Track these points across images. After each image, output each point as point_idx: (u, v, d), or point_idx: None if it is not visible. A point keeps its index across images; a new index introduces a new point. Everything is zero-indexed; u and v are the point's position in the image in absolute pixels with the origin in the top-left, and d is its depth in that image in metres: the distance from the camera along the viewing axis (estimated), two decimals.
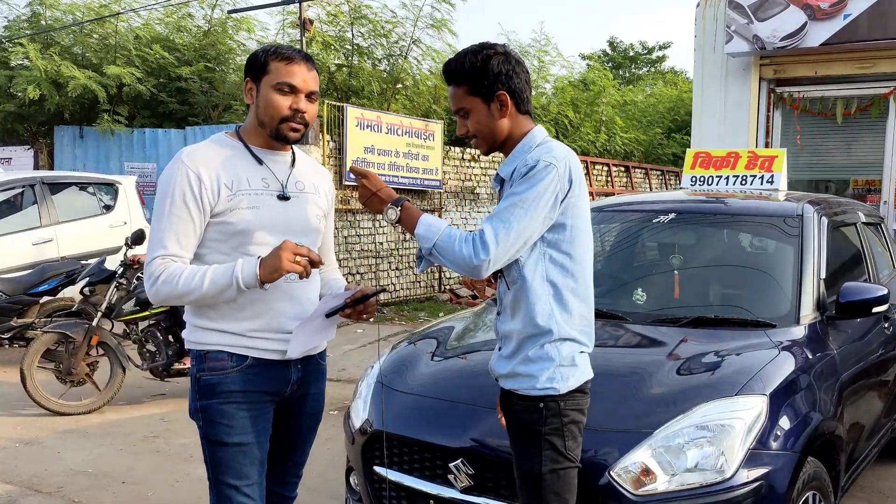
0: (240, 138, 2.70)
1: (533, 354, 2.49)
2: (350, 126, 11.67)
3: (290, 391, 2.75)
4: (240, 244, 2.59)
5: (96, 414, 6.53)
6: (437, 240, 2.40)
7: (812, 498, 3.21)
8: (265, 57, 2.61)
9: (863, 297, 3.80)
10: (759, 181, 5.22)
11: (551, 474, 2.48)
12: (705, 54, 9.47)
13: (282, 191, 2.67)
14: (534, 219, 2.38)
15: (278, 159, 2.72)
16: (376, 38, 14.90)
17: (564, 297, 2.50)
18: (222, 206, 2.56)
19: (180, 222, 2.53)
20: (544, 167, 2.39)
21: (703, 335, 3.64)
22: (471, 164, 14.42)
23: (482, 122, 2.53)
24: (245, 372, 2.62)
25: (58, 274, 8.32)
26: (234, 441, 2.62)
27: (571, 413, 2.50)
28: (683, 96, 24.88)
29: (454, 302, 13.16)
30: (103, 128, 13.29)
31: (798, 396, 3.28)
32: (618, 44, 39.81)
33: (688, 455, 2.90)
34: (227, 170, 2.59)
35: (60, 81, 13.28)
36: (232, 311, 2.60)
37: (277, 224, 2.63)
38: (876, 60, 8.35)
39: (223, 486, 2.65)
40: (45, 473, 5.20)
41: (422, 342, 4.01)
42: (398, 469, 3.31)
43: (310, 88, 2.64)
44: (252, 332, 2.62)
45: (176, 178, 2.54)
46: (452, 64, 2.54)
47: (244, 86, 2.68)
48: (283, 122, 2.62)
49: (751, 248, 4.66)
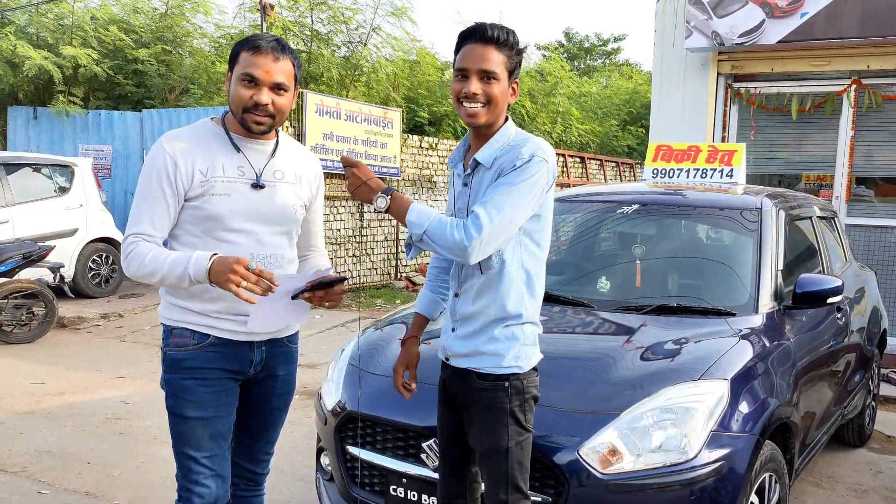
0: (223, 125, 2.74)
1: (499, 334, 2.59)
2: (309, 112, 11.64)
3: (253, 371, 2.83)
4: (210, 228, 2.67)
5: (56, 396, 6.48)
6: (428, 225, 2.44)
7: (768, 479, 3.34)
8: (239, 47, 2.66)
9: (819, 288, 3.94)
10: (719, 175, 5.34)
11: (516, 446, 2.59)
12: (664, 49, 9.60)
13: (256, 179, 2.71)
14: (523, 208, 2.48)
15: (258, 147, 2.76)
16: (336, 24, 14.86)
17: (534, 283, 2.63)
18: (196, 191, 2.64)
19: (155, 203, 2.63)
20: (538, 162, 2.50)
21: (666, 323, 3.74)
22: (428, 153, 14.46)
23: (501, 95, 2.56)
24: (206, 350, 2.72)
25: (15, 255, 8.23)
26: (195, 415, 2.72)
27: (531, 389, 2.64)
28: (639, 89, 25.19)
29: (410, 289, 13.22)
30: (58, 109, 13.06)
31: (757, 382, 3.39)
32: (573, 35, 40.10)
33: (653, 436, 3.01)
34: (204, 156, 2.66)
35: (15, 61, 13.03)
36: (198, 292, 2.67)
37: (248, 212, 2.70)
38: (831, 59, 8.54)
39: (184, 457, 2.76)
40: (9, 453, 5.17)
41: (389, 327, 4.05)
42: (371, 449, 3.37)
43: (273, 80, 2.62)
44: (215, 313, 2.70)
45: (155, 161, 2.64)
46: (502, 32, 2.53)
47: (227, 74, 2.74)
48: (246, 112, 2.64)
49: (711, 240, 4.79)
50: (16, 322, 8.47)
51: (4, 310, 8.32)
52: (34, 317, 8.59)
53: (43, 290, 8.64)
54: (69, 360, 7.80)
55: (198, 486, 2.74)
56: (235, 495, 3.01)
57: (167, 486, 4.63)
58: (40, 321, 8.65)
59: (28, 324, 8.58)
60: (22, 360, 7.79)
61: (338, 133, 12.18)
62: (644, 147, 21.52)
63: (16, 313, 8.43)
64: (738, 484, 3.02)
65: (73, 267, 10.58)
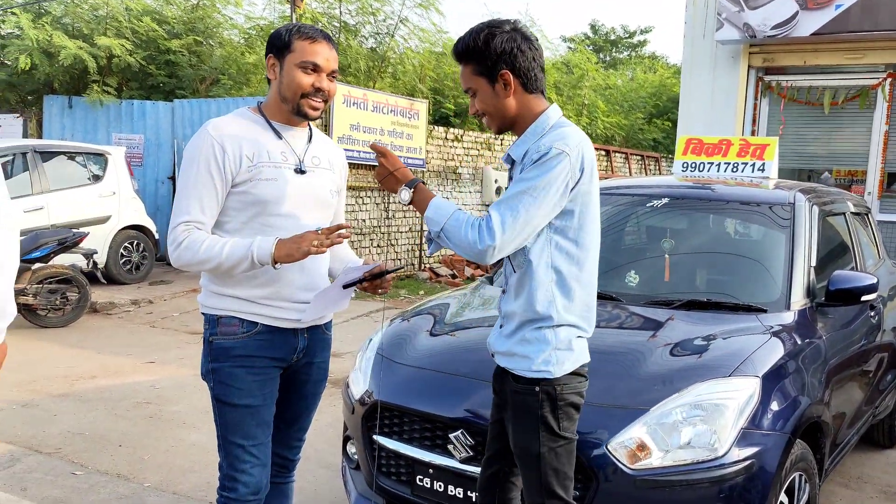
0: (261, 113, 2.78)
1: (530, 336, 2.51)
2: (337, 103, 11.65)
3: (296, 359, 2.85)
4: (257, 213, 2.69)
5: (89, 379, 6.59)
6: (446, 223, 2.42)
7: (798, 479, 3.30)
8: (289, 35, 2.68)
9: (853, 286, 3.89)
10: (751, 169, 5.29)
11: (549, 452, 2.52)
12: (694, 41, 9.52)
13: (299, 165, 2.76)
14: (542, 207, 2.37)
15: (297, 134, 2.81)
16: (364, 15, 14.87)
17: (568, 284, 2.50)
18: (243, 177, 2.65)
19: (204, 189, 2.63)
20: (556, 155, 2.37)
21: (696, 318, 3.71)
22: (454, 144, 14.43)
23: (488, 101, 2.52)
24: (254, 338, 2.73)
25: (51, 241, 8.35)
26: (243, 403, 2.74)
27: (568, 396, 2.53)
28: (665, 82, 24.98)
29: (434, 280, 13.21)
30: (92, 98, 13.18)
31: (788, 380, 3.36)
32: (599, 27, 39.84)
33: (682, 432, 2.98)
34: (250, 142, 2.68)
35: (51, 51, 13.16)
36: (245, 279, 2.70)
37: (294, 196, 2.73)
38: (865, 51, 8.44)
39: (231, 445, 2.78)
40: (44, 435, 5.27)
41: (416, 318, 4.06)
42: (398, 439, 3.37)
43: (331, 67, 2.73)
44: (263, 300, 2.72)
45: (202, 147, 2.64)
46: (459, 43, 2.53)
47: (266, 62, 2.75)
48: (304, 98, 2.70)
49: (742, 235, 4.74)
50: (50, 306, 8.60)
51: (39, 294, 8.45)
52: (68, 301, 8.72)
53: (76, 276, 8.77)
54: (101, 345, 7.91)
55: (244, 474, 2.77)
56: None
57: (195, 469, 4.68)
58: (73, 306, 8.78)
59: (62, 308, 8.72)
60: (55, 343, 7.92)
61: (364, 124, 12.20)
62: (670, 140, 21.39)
63: (50, 298, 8.57)
64: (768, 483, 2.99)
65: (106, 253, 10.73)
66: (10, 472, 4.57)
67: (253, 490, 2.79)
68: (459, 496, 3.18)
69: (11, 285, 1.93)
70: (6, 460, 4.75)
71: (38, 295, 8.43)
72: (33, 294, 8.39)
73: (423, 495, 3.30)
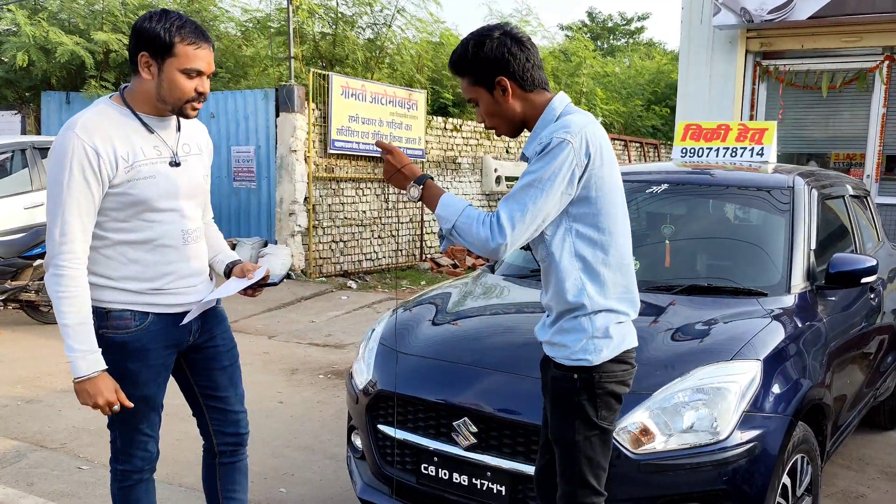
0: (126, 104, 2.70)
1: (567, 325, 2.52)
2: (335, 95, 11.65)
3: (192, 339, 2.93)
4: (138, 212, 2.68)
5: None
6: (457, 221, 2.41)
7: (800, 461, 3.32)
8: (170, 37, 2.58)
9: (853, 268, 3.90)
10: (750, 153, 5.29)
11: (585, 441, 2.53)
12: (692, 27, 9.51)
13: (173, 157, 2.75)
14: (549, 198, 2.36)
15: (167, 125, 2.77)
16: (361, 6, 14.82)
17: (595, 269, 2.48)
18: (120, 178, 2.62)
19: (82, 198, 2.57)
20: (558, 144, 2.36)
21: (697, 303, 3.73)
22: (453, 134, 14.43)
23: (491, 109, 2.53)
24: (148, 329, 2.76)
25: None
26: (140, 394, 2.79)
27: (607, 385, 2.51)
28: (663, 68, 24.94)
29: (435, 271, 13.24)
30: (90, 94, 13.16)
31: (789, 363, 3.38)
32: (596, 14, 39.81)
33: (684, 416, 2.99)
34: (122, 141, 2.63)
35: (48, 47, 13.13)
36: (135, 272, 2.72)
37: (170, 190, 2.73)
38: (862, 34, 8.43)
39: (127, 429, 2.89)
40: (49, 430, 5.29)
41: (418, 308, 4.07)
42: (402, 428, 3.39)
43: (212, 70, 2.71)
44: (152, 290, 2.75)
45: (73, 152, 2.55)
46: (453, 56, 2.54)
47: (138, 58, 2.62)
48: (187, 102, 2.67)
49: (742, 219, 4.75)
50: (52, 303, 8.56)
51: (41, 290, 8.43)
52: None
53: None
54: None
55: (139, 450, 2.92)
56: (222, 463, 3.12)
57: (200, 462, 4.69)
58: None
59: None
60: (58, 339, 7.65)
61: (363, 115, 12.19)
62: (668, 127, 21.37)
63: None
64: (771, 465, 3.01)
65: None
66: (17, 468, 4.60)
67: (147, 461, 2.94)
68: (464, 483, 3.20)
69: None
70: (12, 456, 4.78)
71: (40, 291, 8.42)
72: (35, 290, 8.37)
73: (429, 483, 3.32)
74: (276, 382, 6.56)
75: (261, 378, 6.64)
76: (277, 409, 5.81)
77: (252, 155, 11.97)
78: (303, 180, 11.52)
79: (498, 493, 3.13)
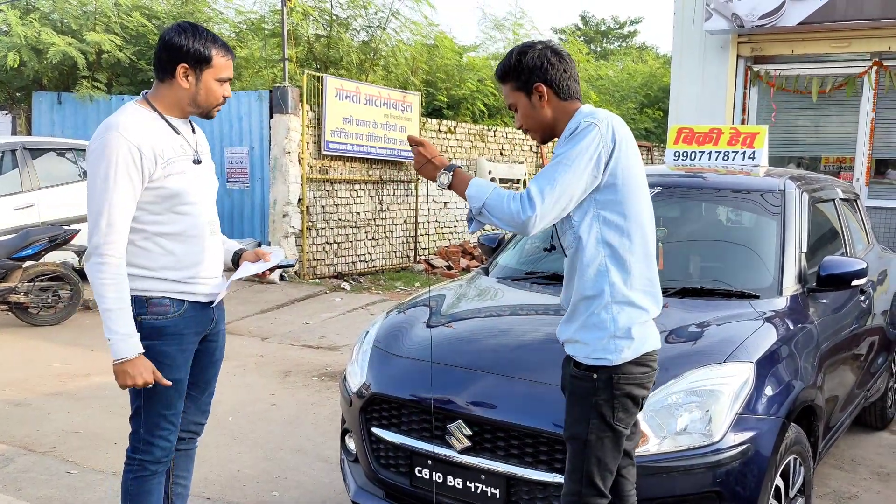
0: (153, 108, 2.94)
1: (589, 322, 2.58)
2: (329, 96, 11.65)
3: (209, 329, 3.12)
4: (172, 205, 2.90)
5: (82, 377, 6.57)
6: (487, 199, 2.51)
7: (793, 462, 3.35)
8: (207, 50, 2.88)
9: (843, 271, 3.93)
10: (741, 157, 5.32)
11: (597, 440, 2.57)
12: (684, 31, 9.56)
13: (196, 156, 3.00)
14: (577, 175, 2.47)
15: (187, 128, 3.02)
16: (355, 8, 14.82)
17: (621, 256, 2.56)
18: (158, 174, 2.85)
19: (126, 193, 2.79)
20: (585, 126, 2.51)
21: (690, 305, 3.75)
22: (447, 136, 14.45)
23: (528, 113, 2.68)
24: (183, 315, 2.97)
25: (41, 238, 8.32)
26: (173, 377, 2.95)
27: (625, 386, 2.56)
28: (656, 72, 25.00)
29: (429, 272, 13.25)
30: (82, 94, 13.12)
31: (781, 365, 3.40)
32: (589, 18, 39.91)
33: (678, 419, 3.02)
34: (156, 140, 2.86)
35: (40, 48, 13.09)
36: (171, 262, 2.93)
37: (197, 185, 2.98)
38: (852, 40, 8.49)
39: (153, 415, 2.99)
40: (38, 434, 5.26)
41: (412, 310, 4.08)
42: (396, 430, 3.40)
43: (233, 76, 3.03)
44: (187, 279, 2.96)
45: (118, 151, 2.77)
46: (498, 66, 2.72)
47: (177, 69, 2.87)
48: (216, 106, 3.00)
49: (734, 222, 4.78)
50: (42, 305, 8.58)
51: (31, 292, 8.42)
52: (60, 299, 8.70)
53: (68, 273, 8.74)
54: (94, 342, 7.84)
55: (162, 440, 3.01)
56: (178, 449, 3.21)
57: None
58: (66, 304, 8.75)
59: (53, 306, 8.68)
60: (48, 341, 7.89)
61: (357, 117, 12.20)
62: (661, 130, 21.42)
63: (42, 296, 8.54)
64: (764, 467, 3.04)
65: None
66: (5, 473, 4.57)
67: (167, 452, 3.04)
68: (459, 486, 3.21)
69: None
70: (0, 460, 4.75)
71: (29, 293, 8.40)
72: (25, 292, 8.34)
73: (422, 486, 3.33)
74: (269, 385, 6.56)
75: (254, 380, 6.65)
76: (270, 412, 5.81)
77: (246, 156, 11.96)
78: (297, 182, 11.52)
79: (493, 496, 3.13)
